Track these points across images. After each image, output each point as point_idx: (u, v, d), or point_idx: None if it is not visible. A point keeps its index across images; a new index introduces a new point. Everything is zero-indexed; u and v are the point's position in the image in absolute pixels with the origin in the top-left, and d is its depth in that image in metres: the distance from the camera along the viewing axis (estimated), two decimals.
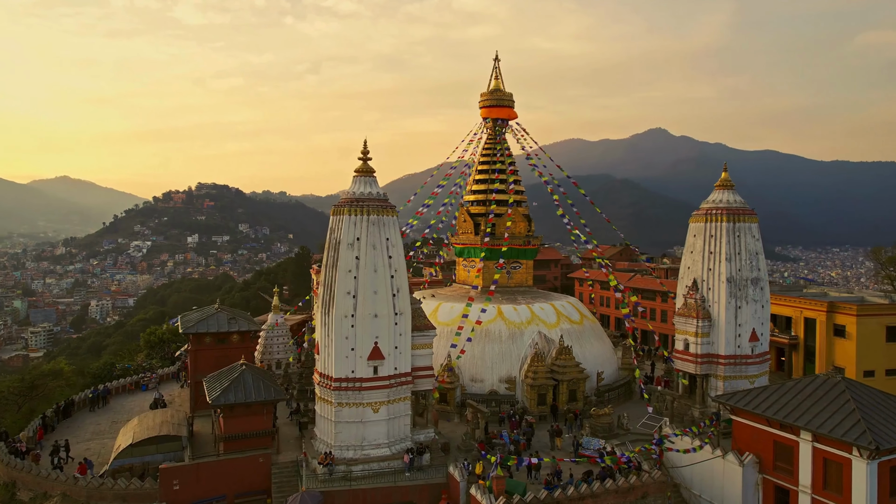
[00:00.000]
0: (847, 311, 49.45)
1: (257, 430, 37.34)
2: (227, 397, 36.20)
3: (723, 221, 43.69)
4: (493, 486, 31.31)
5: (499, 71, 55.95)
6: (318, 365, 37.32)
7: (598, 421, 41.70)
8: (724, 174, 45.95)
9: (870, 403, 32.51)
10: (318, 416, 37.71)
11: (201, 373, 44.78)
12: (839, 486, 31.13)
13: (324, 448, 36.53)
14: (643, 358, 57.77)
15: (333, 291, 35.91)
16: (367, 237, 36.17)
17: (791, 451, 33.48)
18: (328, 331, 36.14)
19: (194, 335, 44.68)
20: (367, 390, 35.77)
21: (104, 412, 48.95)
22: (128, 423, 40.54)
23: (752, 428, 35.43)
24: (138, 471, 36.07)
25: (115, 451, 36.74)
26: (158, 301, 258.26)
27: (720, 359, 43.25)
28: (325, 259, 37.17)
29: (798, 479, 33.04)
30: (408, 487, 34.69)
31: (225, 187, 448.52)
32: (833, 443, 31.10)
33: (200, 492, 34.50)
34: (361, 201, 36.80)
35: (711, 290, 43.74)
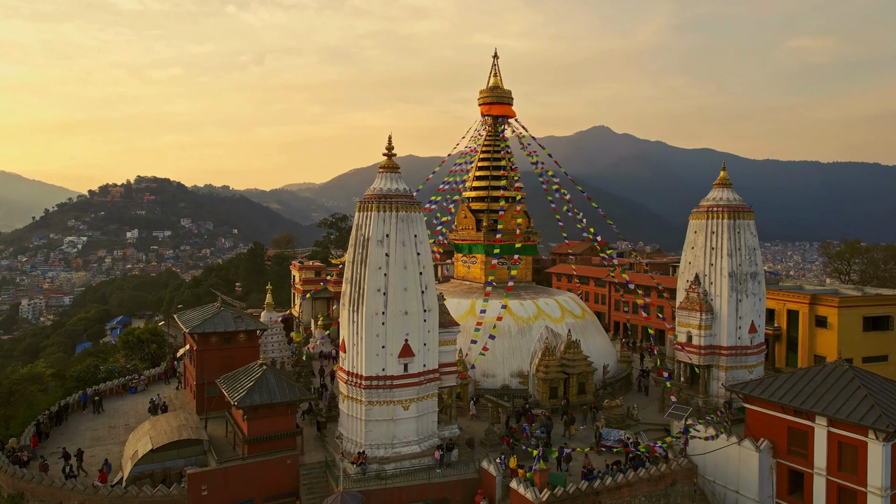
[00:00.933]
0: (829, 303, 52.57)
1: (281, 432, 36.48)
2: (253, 398, 35.23)
3: (724, 218, 45.63)
4: (537, 479, 31.80)
5: (497, 68, 56.39)
6: (345, 363, 36.83)
7: (612, 412, 42.90)
8: (722, 173, 47.93)
9: (878, 389, 34.80)
10: (344, 415, 37.23)
11: (208, 373, 43.48)
12: (854, 468, 33.19)
13: (352, 447, 36.18)
14: (631, 351, 59.60)
15: (363, 289, 35.51)
16: (397, 234, 35.93)
17: (805, 435, 35.41)
18: (357, 329, 35.72)
19: (200, 335, 43.19)
20: (397, 388, 35.60)
21: (98, 416, 46.69)
22: (138, 428, 38.84)
23: (765, 415, 37.25)
24: (159, 477, 34.69)
25: (132, 458, 35.15)
26: (99, 299, 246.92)
27: (722, 350, 45.24)
28: (352, 256, 36.68)
29: (813, 462, 35.01)
30: (441, 484, 34.79)
31: (166, 181, 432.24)
32: (849, 427, 33.09)
33: (228, 496, 33.55)
34: (390, 197, 36.51)
35: (713, 284, 45.64)
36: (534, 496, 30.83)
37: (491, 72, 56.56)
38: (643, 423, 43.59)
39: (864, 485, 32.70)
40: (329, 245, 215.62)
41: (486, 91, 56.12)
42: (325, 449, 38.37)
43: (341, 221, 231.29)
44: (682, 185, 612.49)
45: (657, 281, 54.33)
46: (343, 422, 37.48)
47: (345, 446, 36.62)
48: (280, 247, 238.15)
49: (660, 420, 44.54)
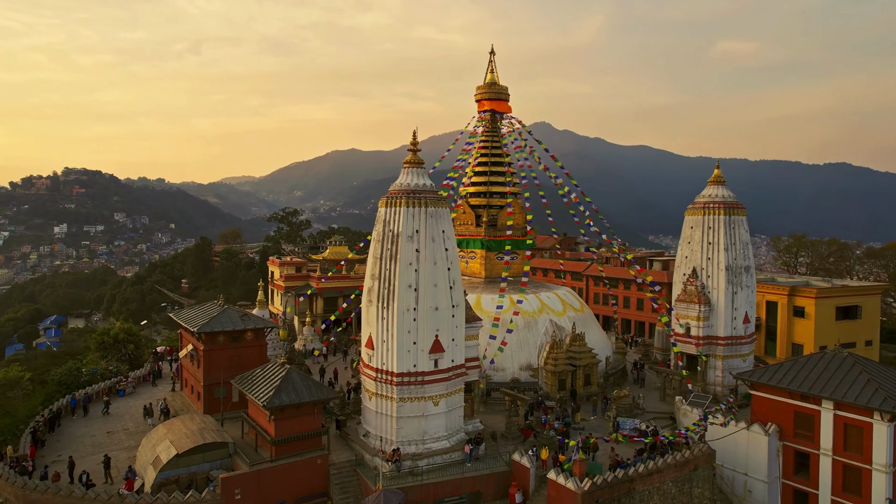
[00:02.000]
0: (806, 295, 55.95)
1: (308, 432, 35.84)
2: (281, 399, 34.41)
3: (720, 214, 47.80)
4: (576, 469, 32.57)
5: (494, 65, 56.77)
6: (373, 360, 36.44)
7: (620, 402, 44.31)
8: (716, 171, 50.09)
9: (878, 374, 37.44)
10: (371, 412, 36.86)
11: (215, 374, 42.15)
12: (860, 447, 35.66)
13: (382, 444, 35.97)
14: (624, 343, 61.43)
15: (393, 285, 35.26)
16: (426, 229, 35.85)
17: (812, 419, 37.73)
18: (387, 325, 35.44)
19: (207, 334, 41.70)
20: (428, 384, 35.61)
21: (93, 421, 44.42)
22: (152, 433, 37.20)
23: (772, 401, 39.43)
24: (184, 482, 33.48)
25: (154, 463, 33.71)
26: (28, 298, 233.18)
27: (719, 340, 47.45)
28: (379, 251, 36.29)
29: (819, 444, 37.35)
30: (474, 478, 35.07)
31: (97, 173, 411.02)
32: (855, 409, 35.51)
33: (261, 499, 32.76)
34: (419, 193, 36.35)
35: (711, 277, 47.76)
36: (575, 486, 31.58)
37: (488, 68, 56.92)
38: (648, 412, 45.22)
39: (870, 462, 35.20)
40: (280, 240, 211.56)
41: (484, 87, 56.45)
42: (349, 447, 37.91)
43: (292, 216, 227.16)
44: (622, 182, 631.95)
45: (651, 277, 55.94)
46: (369, 419, 37.13)
47: (373, 444, 36.35)
48: (227, 242, 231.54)
49: (662, 408, 46.35)
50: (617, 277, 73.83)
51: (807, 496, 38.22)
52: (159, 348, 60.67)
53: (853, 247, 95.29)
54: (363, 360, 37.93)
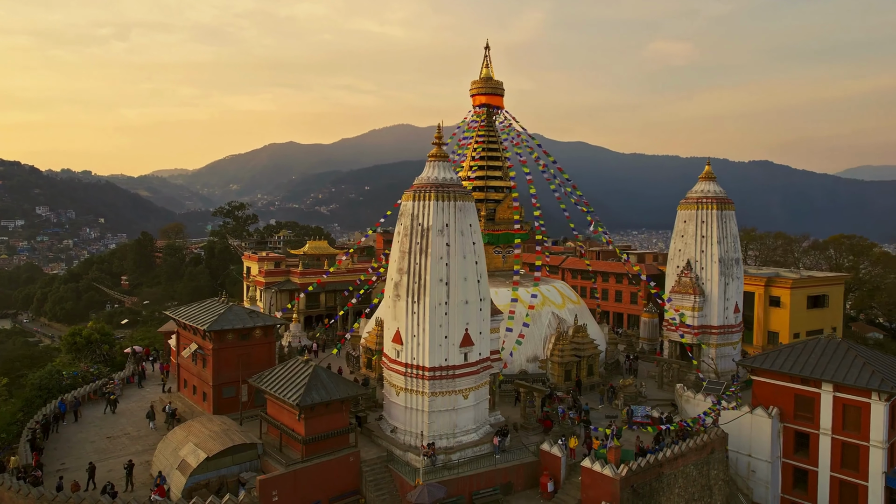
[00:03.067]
0: (782, 285, 59.31)
1: (337, 429, 35.24)
2: (312, 397, 33.65)
3: (713, 209, 50.01)
4: (611, 455, 33.50)
5: (489, 59, 57.04)
6: (401, 355, 36.12)
7: (626, 391, 45.76)
8: (707, 168, 52.33)
9: (870, 357, 40.27)
10: (399, 407, 36.55)
11: (224, 373, 40.75)
12: (858, 426, 38.31)
13: (412, 440, 35.82)
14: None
15: (424, 280, 35.09)
16: (456, 223, 35.85)
17: (812, 401, 40.19)
18: (418, 320, 35.24)
19: (216, 333, 40.15)
20: (459, 377, 35.70)
21: (87, 426, 42.02)
22: (169, 437, 35.53)
23: (773, 385, 41.71)
24: (215, 486, 32.25)
25: (181, 468, 32.28)
26: None
27: (713, 329, 49.73)
28: (407, 245, 35.97)
29: (819, 424, 39.85)
30: (505, 469, 35.47)
31: (15, 164, 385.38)
32: (854, 391, 38.09)
33: (298, 500, 32.03)
34: (448, 187, 36.28)
35: (704, 269, 49.94)
36: (613, 472, 32.50)
37: (483, 63, 57.14)
38: (650, 399, 46.88)
39: (867, 439, 37.88)
40: (227, 234, 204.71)
41: (480, 82, 56.62)
42: (373, 443, 37.48)
43: (237, 210, 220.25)
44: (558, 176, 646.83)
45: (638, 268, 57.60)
46: (397, 415, 36.83)
47: (403, 439, 36.13)
48: (169, 237, 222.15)
49: (663, 396, 48.13)
50: (598, 270, 75.80)
51: (806, 473, 40.72)
52: (136, 348, 57.83)
53: (799, 240, 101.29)
54: (388, 356, 37.55)
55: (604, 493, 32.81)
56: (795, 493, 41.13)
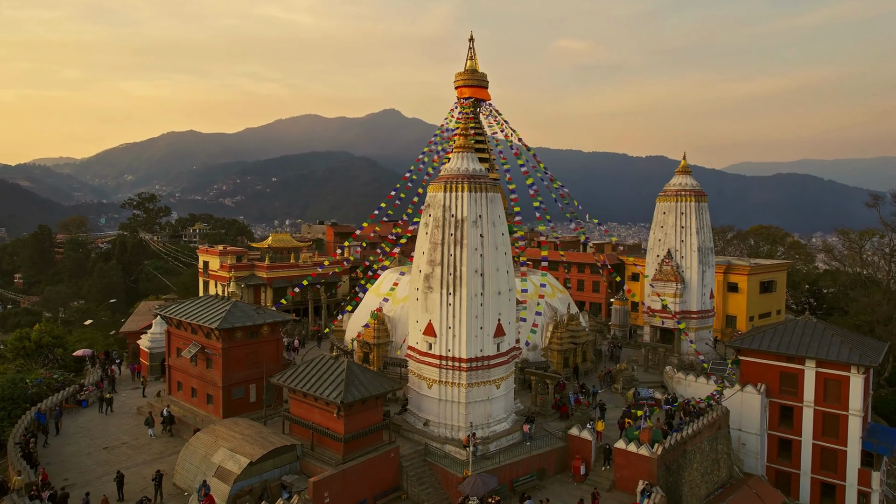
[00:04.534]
0: (740, 272, 64.01)
1: (373, 426, 34.54)
2: (353, 394, 32.73)
3: (691, 201, 53.12)
4: (645, 436, 35.07)
5: (474, 51, 57.05)
6: (434, 348, 35.80)
7: (622, 375, 47.89)
8: (683, 162, 55.36)
9: (845, 336, 44.60)
10: (433, 400, 36.19)
11: (234, 373, 38.71)
12: (838, 397, 42.35)
13: (448, 432, 35.73)
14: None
15: (460, 271, 34.96)
16: (488, 214, 35.97)
17: (795, 377, 43.96)
18: (454, 311, 35.08)
19: (226, 331, 37.90)
20: (493, 367, 35.97)
21: (74, 437, 38.45)
22: (193, 443, 33.17)
23: (759, 364, 45.14)
24: (258, 492, 30.65)
25: (220, 475, 30.38)
26: None
27: (692, 314, 52.94)
28: (440, 237, 35.62)
29: (802, 397, 43.68)
30: (539, 455, 36.18)
31: None
32: (834, 365, 42.09)
33: (347, 499, 31.16)
34: (479, 178, 36.27)
35: (684, 258, 53.01)
36: (649, 452, 34.10)
37: (468, 54, 57.06)
38: (642, 382, 49.32)
39: (846, 409, 42.00)
40: (138, 227, 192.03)
41: (466, 74, 56.54)
42: (402, 437, 36.91)
43: (149, 201, 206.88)
44: None
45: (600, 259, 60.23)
46: (429, 407, 36.51)
47: (438, 432, 35.92)
48: (70, 231, 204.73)
49: (651, 378, 50.70)
50: (570, 261, 77.98)
51: (790, 443, 44.53)
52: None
53: (726, 230, 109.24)
54: (416, 349, 37.08)
55: (640, 472, 34.34)
56: (780, 461, 44.88)
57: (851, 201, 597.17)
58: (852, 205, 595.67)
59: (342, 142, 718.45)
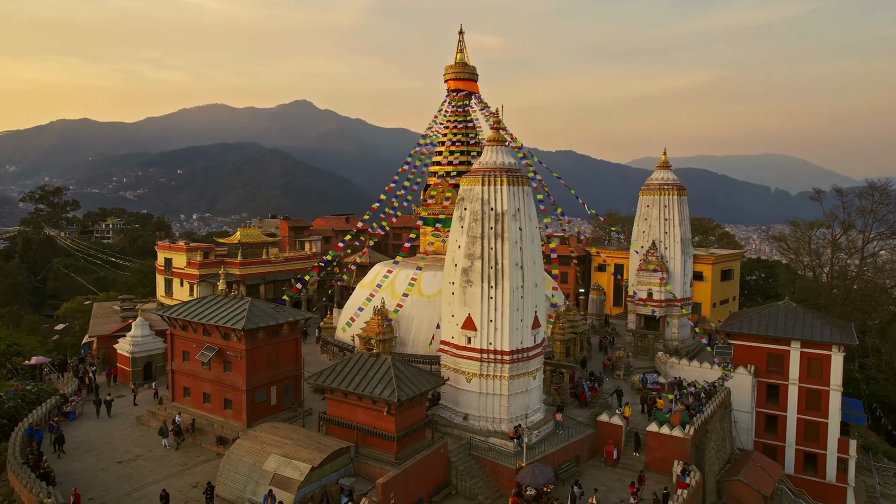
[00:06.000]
0: (705, 261, 68.02)
1: (419, 423, 34.08)
2: (405, 392, 32.11)
3: (674, 195, 55.87)
4: (675, 419, 36.75)
5: (463, 44, 56.75)
6: (473, 341, 35.64)
7: (621, 362, 49.80)
8: (663, 157, 58.00)
9: (824, 319, 48.66)
10: (472, 394, 35.96)
11: (257, 375, 36.87)
12: (820, 374, 46.20)
13: (487, 425, 35.82)
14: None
15: (502, 265, 35.05)
16: (525, 208, 36.26)
17: (781, 357, 47.48)
18: (497, 305, 35.10)
19: (249, 332, 35.89)
20: (532, 359, 36.40)
21: (79, 453, 35.10)
22: (235, 451, 31.16)
23: (747, 346, 48.37)
24: (318, 497, 29.42)
25: (279, 483, 28.86)
26: None
27: (675, 302, 55.79)
28: (479, 230, 35.45)
29: (788, 376, 47.29)
30: (575, 443, 37.06)
31: None
32: (818, 345, 45.88)
33: (408, 498, 30.62)
34: (516, 171, 36.42)
35: (668, 248, 55.72)
36: (682, 433, 35.86)
37: (457, 48, 56.70)
38: (637, 368, 51.52)
39: (828, 385, 45.92)
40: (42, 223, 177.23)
41: (455, 67, 56.19)
42: (438, 433, 36.53)
43: (53, 195, 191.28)
44: (383, 163, 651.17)
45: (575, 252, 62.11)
46: (468, 402, 36.35)
47: (480, 425, 35.88)
48: None
49: (643, 364, 53.02)
50: None
51: (776, 418, 48.13)
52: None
53: None
54: (453, 343, 36.74)
55: (674, 453, 36.05)
56: (767, 435, 48.38)
57: (741, 194, 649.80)
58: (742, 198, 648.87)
59: (252, 133, 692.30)
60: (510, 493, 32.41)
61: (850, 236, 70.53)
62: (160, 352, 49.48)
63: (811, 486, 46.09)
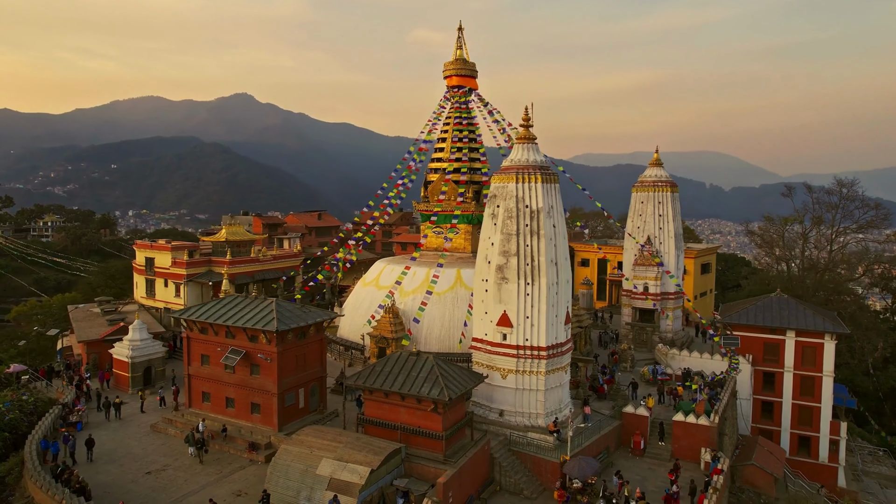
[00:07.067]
0: (688, 255, 70.31)
1: (461, 421, 34.00)
2: (452, 390, 31.97)
3: (668, 191, 57.63)
4: (700, 408, 38.03)
5: (463, 41, 56.50)
6: (509, 338, 35.80)
7: (625, 355, 51.10)
8: (655, 155, 59.68)
9: (815, 309, 51.42)
10: (508, 391, 36.08)
11: (288, 378, 35.93)
12: (813, 361, 48.89)
13: (524, 420, 36.13)
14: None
15: (538, 261, 35.33)
16: (556, 205, 36.67)
17: (777, 346, 49.96)
18: (534, 301, 35.36)
19: (280, 334, 34.84)
20: (564, 354, 36.93)
21: (98, 463, 33.23)
22: (283, 457, 30.16)
23: (746, 337, 50.63)
24: (376, 500, 28.94)
25: (338, 488, 28.20)
26: None
27: (670, 295, 57.62)
28: (514, 227, 35.58)
29: (783, 364, 49.80)
30: (606, 434, 37.87)
31: None
32: (812, 334, 48.52)
33: (461, 497, 30.55)
34: (547, 169, 36.73)
35: (663, 243, 57.44)
36: (708, 421, 37.20)
37: (456, 44, 56.35)
38: (639, 360, 52.97)
39: (821, 371, 48.68)
40: None
41: (456, 63, 55.84)
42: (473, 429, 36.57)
43: None
44: (327, 158, 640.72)
45: None
46: (503, 398, 36.47)
47: (516, 420, 36.12)
48: None
49: (642, 356, 54.55)
50: None
51: (772, 404, 50.63)
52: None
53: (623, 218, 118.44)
54: (487, 340, 36.76)
55: (700, 441, 37.36)
56: (763, 420, 50.87)
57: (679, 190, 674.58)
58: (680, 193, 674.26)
59: (190, 126, 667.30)
60: (553, 486, 32.91)
61: (820, 230, 74.68)
62: (160, 356, 47.49)
63: (805, 467, 48.76)
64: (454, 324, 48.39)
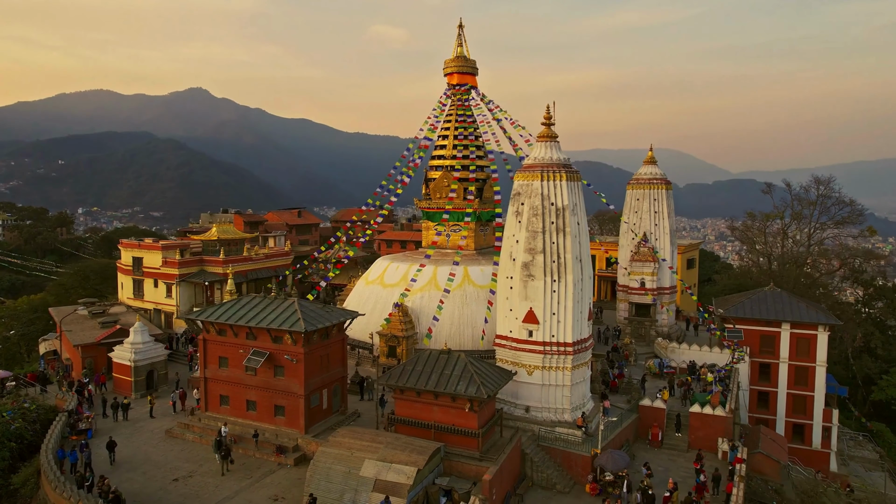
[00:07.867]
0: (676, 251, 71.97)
1: (492, 418, 34.07)
2: (488, 388, 32.02)
3: (663, 189, 58.85)
4: (716, 399, 39.12)
5: (463, 38, 56.33)
6: (535, 335, 36.01)
7: (629, 349, 52.10)
8: (650, 153, 60.83)
9: (807, 302, 53.44)
10: (534, 387, 36.34)
11: (313, 379, 35.39)
12: (807, 352, 50.90)
13: (550, 415, 36.49)
14: None
15: (564, 259, 35.67)
16: (579, 203, 37.10)
17: (773, 338, 51.79)
18: (560, 298, 35.69)
19: (306, 335, 34.20)
20: (588, 349, 37.47)
21: (120, 471, 32.02)
22: (322, 459, 29.61)
23: (743, 329, 52.31)
24: (421, 499, 28.77)
25: (386, 489, 27.91)
26: None
27: (666, 290, 58.95)
28: (540, 225, 35.80)
29: (779, 355, 51.66)
30: (626, 427, 38.59)
31: None
32: (806, 326, 50.49)
33: (501, 494, 30.68)
34: (570, 167, 37.07)
35: (659, 240, 58.65)
36: (724, 412, 38.33)
37: (457, 41, 56.17)
38: (641, 354, 54.06)
39: (815, 361, 50.73)
40: None
41: (456, 60, 55.65)
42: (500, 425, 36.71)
43: None
44: (285, 153, 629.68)
45: None
46: (529, 394, 36.70)
47: (543, 416, 36.42)
48: None
49: (642, 349, 55.66)
50: None
51: (768, 394, 52.48)
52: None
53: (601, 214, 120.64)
54: (513, 338, 36.89)
55: (717, 432, 38.47)
56: (759, 410, 52.68)
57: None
58: None
59: (143, 121, 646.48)
60: (584, 480, 33.40)
61: (799, 226, 77.64)
62: (162, 359, 46.07)
63: (799, 453, 50.69)
64: (464, 321, 48.49)
